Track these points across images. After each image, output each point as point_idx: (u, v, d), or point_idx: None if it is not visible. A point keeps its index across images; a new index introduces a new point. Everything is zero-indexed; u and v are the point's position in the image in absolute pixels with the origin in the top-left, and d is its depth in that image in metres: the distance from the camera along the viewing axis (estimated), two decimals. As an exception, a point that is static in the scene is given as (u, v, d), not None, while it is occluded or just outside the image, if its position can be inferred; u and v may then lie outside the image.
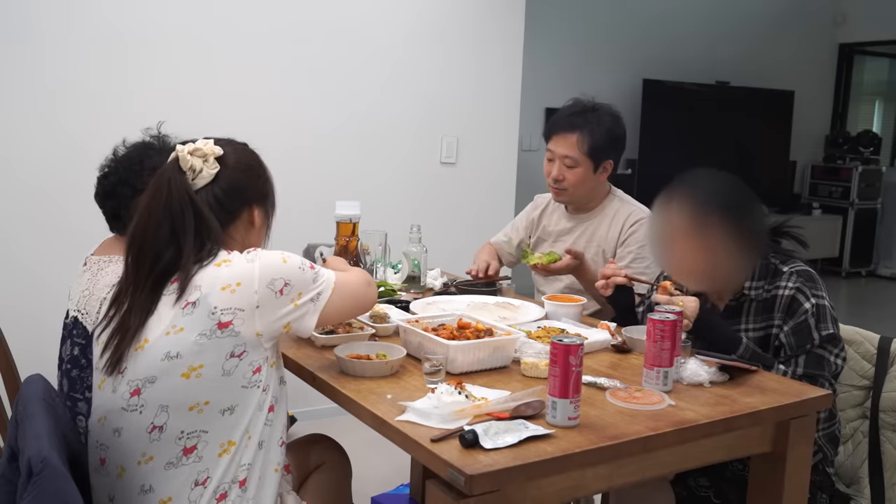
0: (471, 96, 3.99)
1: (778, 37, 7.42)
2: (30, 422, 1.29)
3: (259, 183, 1.63)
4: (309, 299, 1.53)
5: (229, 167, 1.57)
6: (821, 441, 1.94)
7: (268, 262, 1.48)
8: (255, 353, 1.47)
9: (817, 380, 1.84)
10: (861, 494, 2.01)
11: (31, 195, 3.05)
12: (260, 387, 1.49)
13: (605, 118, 2.54)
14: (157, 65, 3.24)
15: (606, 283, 2.08)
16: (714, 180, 1.96)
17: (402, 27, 3.78)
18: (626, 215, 2.57)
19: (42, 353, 2.20)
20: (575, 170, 2.52)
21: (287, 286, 1.49)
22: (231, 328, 1.44)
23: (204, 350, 1.43)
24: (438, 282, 2.57)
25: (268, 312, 1.47)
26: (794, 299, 1.90)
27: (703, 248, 1.87)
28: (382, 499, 2.71)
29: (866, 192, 7.77)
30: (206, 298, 1.44)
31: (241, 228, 1.61)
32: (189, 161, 1.53)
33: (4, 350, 1.96)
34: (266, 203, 1.65)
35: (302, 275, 1.52)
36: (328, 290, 1.56)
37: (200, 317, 1.43)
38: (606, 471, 1.43)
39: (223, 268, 1.47)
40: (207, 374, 1.43)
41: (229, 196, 1.57)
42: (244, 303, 1.45)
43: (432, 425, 1.41)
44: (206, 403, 1.44)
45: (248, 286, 1.45)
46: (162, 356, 1.43)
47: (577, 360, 1.44)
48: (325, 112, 3.64)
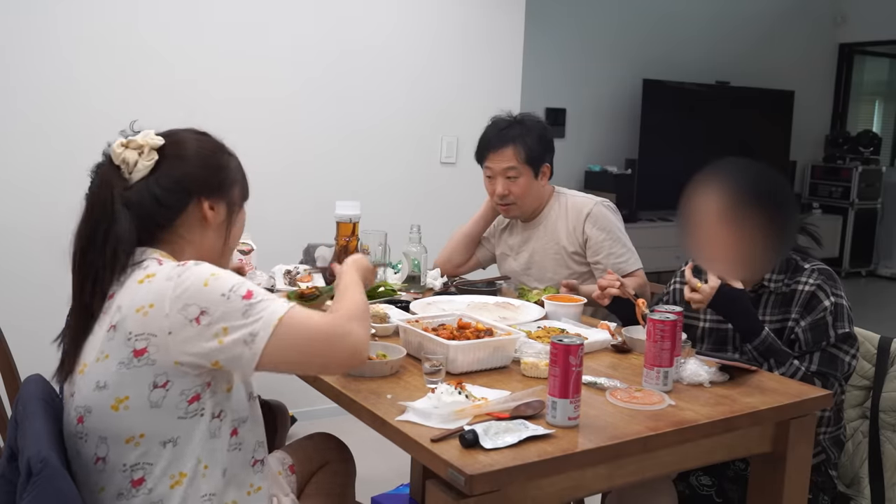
0: (471, 96, 3.98)
1: (778, 37, 7.42)
2: (30, 422, 1.28)
3: (210, 173, 1.43)
4: (240, 339, 1.27)
5: (169, 157, 1.39)
6: (825, 443, 1.94)
7: (186, 283, 1.27)
8: (183, 382, 1.30)
9: (829, 378, 1.85)
10: (861, 494, 2.01)
11: (30, 195, 3.05)
12: (204, 415, 1.33)
13: (532, 126, 2.59)
14: (154, 67, 3.24)
15: (602, 295, 2.09)
16: (753, 170, 1.94)
17: (403, 27, 3.78)
18: (576, 209, 2.61)
19: (42, 353, 2.19)
20: (518, 181, 2.57)
21: (204, 315, 1.25)
22: (147, 356, 1.27)
23: (125, 381, 1.28)
24: (438, 282, 2.57)
25: (183, 342, 1.26)
26: (814, 296, 1.90)
27: (735, 237, 1.87)
28: (382, 499, 2.71)
29: (866, 192, 7.76)
30: (124, 322, 1.28)
31: (193, 227, 1.42)
32: (120, 154, 1.37)
33: (4, 350, 1.96)
34: (223, 196, 1.45)
35: (225, 304, 1.26)
36: (266, 332, 1.27)
37: (119, 343, 1.28)
38: (606, 471, 1.43)
39: (143, 285, 1.29)
40: (135, 406, 1.29)
41: (167, 189, 1.38)
42: (156, 327, 1.26)
43: (432, 425, 1.41)
44: (141, 436, 1.30)
45: (160, 308, 1.26)
46: (93, 386, 1.31)
47: (577, 360, 1.44)
48: (325, 112, 3.63)
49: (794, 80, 7.51)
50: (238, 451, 1.42)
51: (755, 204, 1.86)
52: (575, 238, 2.59)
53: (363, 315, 1.45)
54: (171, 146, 1.41)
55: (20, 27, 2.98)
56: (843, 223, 7.76)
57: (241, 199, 1.51)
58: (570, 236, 2.60)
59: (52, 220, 3.04)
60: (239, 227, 1.53)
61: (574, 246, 2.59)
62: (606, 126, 6.62)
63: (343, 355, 1.37)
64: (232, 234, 1.50)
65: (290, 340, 1.30)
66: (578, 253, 2.60)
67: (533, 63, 4.58)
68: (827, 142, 8.16)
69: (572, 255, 2.60)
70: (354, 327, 1.38)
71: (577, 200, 2.64)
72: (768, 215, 1.86)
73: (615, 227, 2.58)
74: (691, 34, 6.88)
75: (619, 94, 6.71)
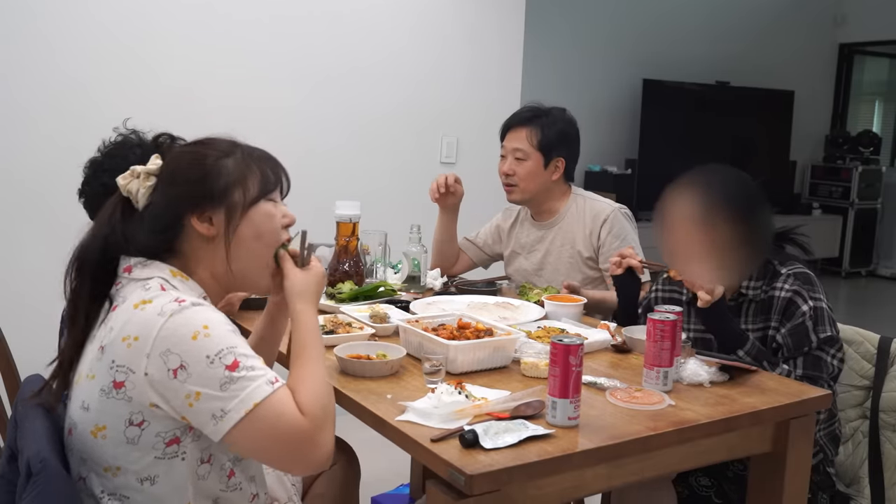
0: (471, 96, 3.98)
1: (778, 37, 7.42)
2: (29, 422, 1.28)
3: (192, 186, 1.34)
4: (209, 411, 1.17)
5: (162, 179, 1.35)
6: (822, 441, 1.94)
7: (174, 327, 1.19)
8: (159, 424, 1.22)
9: (817, 381, 1.84)
10: (861, 494, 2.01)
11: (31, 195, 3.05)
12: (186, 459, 1.25)
13: (558, 118, 2.59)
14: (153, 63, 3.23)
15: (620, 262, 2.10)
16: (725, 176, 1.96)
17: (403, 27, 3.78)
18: (594, 213, 2.58)
19: (42, 353, 2.19)
20: (525, 163, 2.55)
21: (182, 370, 1.17)
22: (124, 391, 1.20)
23: (104, 409, 1.22)
24: (438, 282, 2.57)
25: (158, 388, 1.19)
26: (792, 302, 1.90)
27: (707, 242, 1.87)
28: (382, 499, 2.71)
29: (866, 192, 7.77)
30: (111, 347, 1.22)
31: (197, 244, 1.35)
32: (125, 186, 1.35)
33: (4, 350, 1.96)
34: (217, 205, 1.34)
35: (206, 368, 1.17)
36: (237, 414, 1.17)
37: (104, 367, 1.22)
38: (606, 471, 1.43)
39: (137, 311, 1.22)
40: (111, 438, 1.22)
41: (154, 213, 1.33)
42: (135, 364, 1.19)
43: (432, 425, 1.41)
44: (117, 469, 1.24)
45: (143, 345, 1.19)
46: (79, 403, 1.26)
47: (577, 360, 1.44)
48: (325, 112, 3.63)
49: (794, 80, 7.52)
50: (238, 491, 1.35)
51: (727, 209, 1.87)
52: (590, 243, 2.57)
53: (332, 407, 1.30)
54: (163, 166, 1.36)
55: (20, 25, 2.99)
56: (842, 223, 7.76)
57: (248, 199, 1.37)
58: (585, 241, 2.57)
59: (52, 221, 3.05)
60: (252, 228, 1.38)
61: (589, 251, 2.57)
62: (606, 126, 6.62)
63: (303, 468, 1.29)
64: (238, 237, 1.36)
65: (256, 432, 1.19)
66: (592, 258, 2.57)
67: (533, 63, 4.58)
68: (827, 142, 8.17)
69: (587, 261, 2.57)
70: (324, 437, 1.24)
71: (595, 204, 2.61)
72: (741, 222, 1.86)
73: (629, 236, 2.55)
74: (691, 34, 6.89)
75: (619, 94, 6.71)
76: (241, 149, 1.41)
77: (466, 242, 2.86)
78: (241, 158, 1.39)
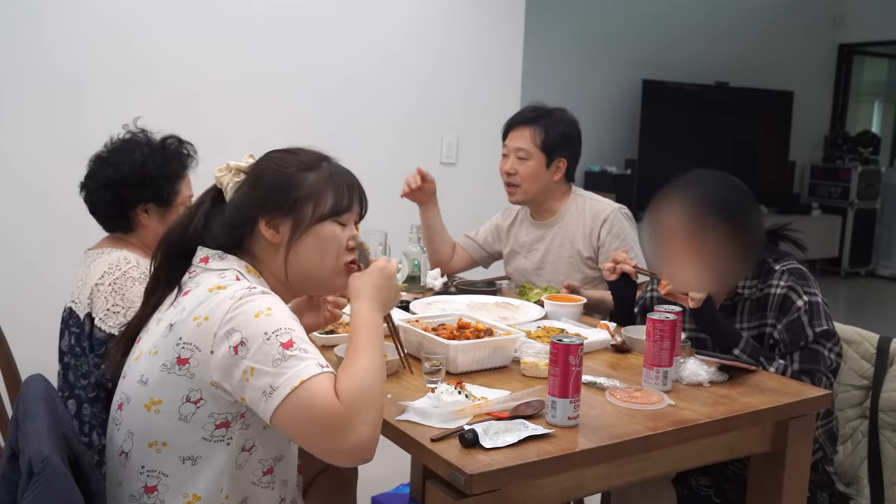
0: (471, 97, 3.99)
1: (777, 37, 7.43)
2: (30, 422, 1.28)
3: (271, 192, 1.39)
4: (261, 387, 1.21)
5: (248, 178, 1.42)
6: (821, 439, 1.94)
7: (242, 308, 1.25)
8: (215, 405, 1.27)
9: (815, 374, 1.85)
10: (861, 494, 2.01)
11: (31, 195, 3.05)
12: (230, 445, 1.29)
13: (560, 118, 2.59)
14: (158, 63, 3.24)
15: (614, 268, 2.10)
16: (712, 181, 1.96)
17: (403, 28, 3.78)
18: (594, 213, 2.58)
19: (42, 353, 2.20)
20: (527, 163, 2.55)
21: (242, 346, 1.23)
22: (188, 367, 1.26)
23: (164, 384, 1.28)
24: (438, 282, 2.57)
25: (220, 366, 1.24)
26: (787, 297, 1.90)
27: (699, 250, 1.87)
28: (382, 499, 2.71)
29: (865, 192, 7.77)
30: (181, 325, 1.28)
31: (264, 247, 1.41)
32: (220, 178, 1.44)
33: (4, 350, 1.97)
34: (286, 215, 1.39)
35: (263, 345, 1.22)
36: (283, 391, 1.20)
37: (170, 344, 1.28)
38: (606, 470, 1.43)
39: (211, 294, 1.29)
40: (165, 412, 1.28)
41: (232, 209, 1.41)
42: (202, 342, 1.25)
43: (432, 425, 1.41)
44: (163, 444, 1.29)
45: (211, 324, 1.25)
46: (138, 377, 1.32)
47: (576, 360, 1.44)
48: (326, 113, 3.64)
49: (794, 80, 7.52)
50: (271, 489, 1.37)
51: (716, 215, 1.86)
52: (590, 243, 2.57)
53: (376, 396, 1.26)
54: (253, 166, 1.44)
55: (20, 25, 2.99)
56: (842, 223, 7.77)
57: (316, 216, 1.40)
58: (585, 240, 2.57)
59: (52, 221, 3.05)
60: (315, 245, 1.41)
61: (589, 251, 2.57)
62: (606, 126, 6.63)
63: (341, 455, 1.23)
64: (299, 250, 1.39)
65: (296, 412, 1.21)
66: (592, 258, 2.57)
67: (533, 64, 4.58)
68: (826, 142, 8.17)
69: (586, 261, 2.58)
70: (360, 423, 1.21)
71: (595, 204, 2.61)
72: (732, 226, 1.86)
73: (629, 236, 2.55)
74: (691, 34, 6.89)
75: (619, 95, 6.72)
76: (327, 165, 1.47)
77: (467, 240, 2.86)
78: (322, 175, 1.44)
